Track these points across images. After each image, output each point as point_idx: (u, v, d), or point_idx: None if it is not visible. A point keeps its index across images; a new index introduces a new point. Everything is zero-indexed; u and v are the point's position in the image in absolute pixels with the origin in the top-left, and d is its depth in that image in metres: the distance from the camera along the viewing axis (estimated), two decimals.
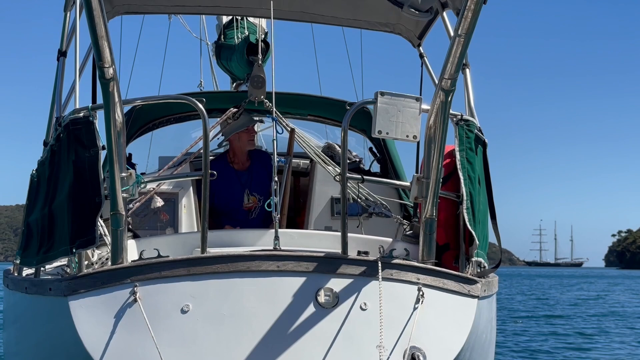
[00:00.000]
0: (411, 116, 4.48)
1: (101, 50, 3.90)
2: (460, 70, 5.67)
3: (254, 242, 5.09)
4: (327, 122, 8.26)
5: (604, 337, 18.87)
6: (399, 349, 4.26)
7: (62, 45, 5.82)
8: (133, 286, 4.24)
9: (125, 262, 4.39)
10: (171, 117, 8.13)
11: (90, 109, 4.55)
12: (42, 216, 5.05)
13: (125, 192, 4.39)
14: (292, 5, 6.63)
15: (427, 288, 4.41)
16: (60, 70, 5.73)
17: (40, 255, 5.00)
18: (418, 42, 6.74)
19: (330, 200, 7.39)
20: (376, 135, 4.49)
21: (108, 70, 3.99)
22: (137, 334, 4.17)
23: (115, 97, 4.12)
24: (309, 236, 5.33)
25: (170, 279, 4.29)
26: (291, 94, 7.81)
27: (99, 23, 3.80)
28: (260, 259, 4.32)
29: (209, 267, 4.30)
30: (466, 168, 4.88)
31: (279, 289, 4.28)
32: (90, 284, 4.30)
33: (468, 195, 4.84)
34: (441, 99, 4.27)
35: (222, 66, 10.21)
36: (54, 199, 4.81)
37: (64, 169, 4.67)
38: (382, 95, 4.46)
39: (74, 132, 4.57)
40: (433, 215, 4.54)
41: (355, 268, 4.36)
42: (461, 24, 3.94)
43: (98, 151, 4.47)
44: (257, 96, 6.46)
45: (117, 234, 4.38)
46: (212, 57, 11.74)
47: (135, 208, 6.31)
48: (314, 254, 4.39)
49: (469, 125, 5.00)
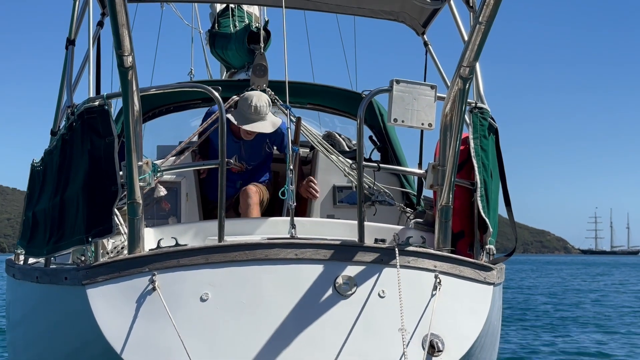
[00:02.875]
0: (426, 104, 4.49)
1: (121, 39, 3.87)
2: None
3: (267, 231, 5.08)
4: (327, 110, 8.24)
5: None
6: (417, 336, 4.28)
7: (70, 34, 5.77)
8: (152, 274, 4.23)
9: (143, 251, 4.38)
10: (170, 105, 8.08)
11: (105, 98, 4.52)
12: (52, 206, 5.02)
13: (142, 181, 4.38)
14: None
15: (444, 275, 4.43)
16: (69, 59, 5.69)
17: (50, 245, 4.97)
18: (422, 30, 6.74)
19: (332, 189, 7.39)
20: (392, 123, 4.50)
21: (127, 59, 3.97)
22: (157, 323, 4.16)
23: (133, 85, 4.10)
24: (322, 224, 5.33)
25: (188, 267, 4.28)
26: (290, 82, 7.79)
27: (120, 11, 3.78)
28: (278, 247, 4.32)
29: (227, 255, 4.30)
30: (480, 156, 4.90)
31: (298, 276, 4.29)
32: (108, 273, 4.28)
33: (482, 182, 4.86)
34: (459, 87, 4.28)
35: (217, 55, 10.18)
36: (66, 188, 4.78)
37: (78, 158, 4.64)
38: (397, 83, 4.47)
39: (88, 121, 4.54)
40: (449, 203, 4.56)
41: (373, 255, 4.37)
42: (483, 11, 3.94)
43: (114, 140, 4.44)
44: (259, 84, 6.45)
45: (134, 223, 4.37)
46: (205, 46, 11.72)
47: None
48: (332, 242, 4.40)
49: (483, 112, 5.02)
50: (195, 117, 8.53)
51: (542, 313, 20.27)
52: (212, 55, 10.58)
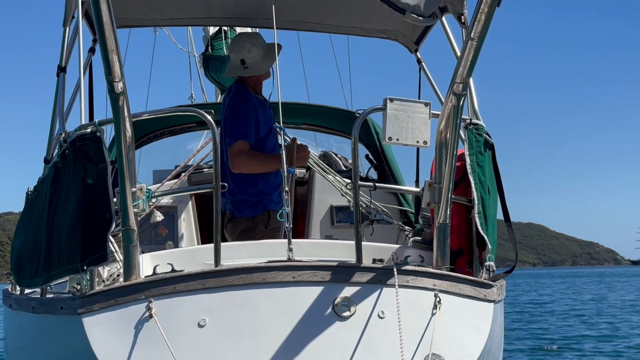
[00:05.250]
0: (421, 122, 4.46)
1: (111, 65, 3.85)
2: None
3: (264, 254, 5.05)
4: (322, 130, 8.25)
5: None
6: (418, 356, 4.23)
7: (61, 61, 5.75)
8: (148, 301, 4.18)
9: (139, 278, 4.33)
10: (165, 130, 8.07)
11: (97, 124, 4.50)
12: (46, 234, 4.98)
13: (136, 207, 4.34)
14: (289, 14, 6.59)
15: (444, 294, 4.38)
16: (61, 86, 5.67)
17: (45, 274, 4.92)
18: (415, 47, 6.73)
19: (329, 209, 7.37)
20: (386, 142, 4.47)
21: (118, 85, 3.95)
22: (155, 350, 4.11)
23: (125, 111, 4.08)
24: (319, 246, 5.29)
25: (185, 293, 4.24)
26: (285, 103, 7.78)
27: (109, 37, 3.75)
28: (275, 270, 4.28)
29: (224, 279, 4.26)
30: (477, 172, 4.86)
31: (296, 299, 4.24)
32: (104, 301, 4.24)
33: (479, 199, 4.83)
34: (453, 103, 4.25)
35: (211, 77, 10.20)
36: (60, 216, 4.74)
37: (71, 186, 4.60)
38: (391, 101, 4.44)
39: (81, 148, 4.51)
40: (446, 221, 4.52)
41: (371, 276, 4.33)
42: (474, 27, 3.92)
43: (107, 166, 4.41)
44: None
45: (130, 250, 4.32)
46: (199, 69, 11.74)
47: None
48: (330, 264, 4.35)
49: (478, 128, 4.99)
50: (191, 140, 8.53)
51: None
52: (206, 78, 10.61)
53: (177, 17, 6.82)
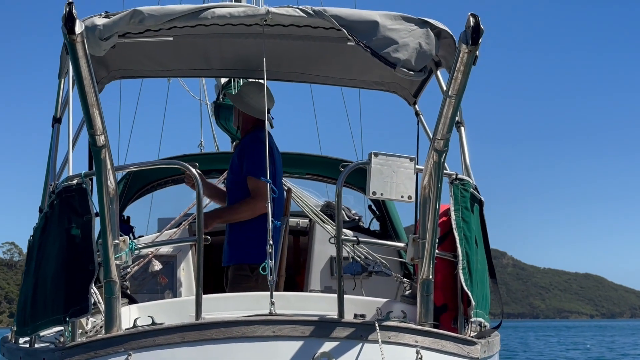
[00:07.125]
0: (406, 177, 4.47)
1: (92, 118, 3.90)
2: (455, 129, 5.68)
3: (249, 306, 5.04)
4: (325, 180, 8.27)
5: None
6: None
7: (56, 112, 5.83)
8: (127, 354, 4.18)
9: (119, 330, 4.34)
10: (169, 178, 8.14)
11: (83, 176, 4.54)
12: (33, 284, 5.01)
13: (119, 260, 4.36)
14: (289, 66, 6.65)
15: (426, 350, 4.34)
16: (55, 137, 5.74)
17: (31, 324, 4.94)
18: (414, 100, 6.74)
19: (329, 260, 7.34)
20: (371, 196, 4.49)
21: (100, 138, 3.99)
22: None
23: (107, 164, 4.11)
24: (306, 299, 5.27)
25: (165, 346, 4.23)
26: (288, 154, 7.82)
27: (89, 92, 3.80)
28: (255, 324, 4.26)
29: (203, 333, 4.25)
30: (462, 227, 4.84)
31: (275, 354, 4.22)
32: (84, 353, 4.24)
33: (464, 255, 4.80)
34: (434, 160, 4.25)
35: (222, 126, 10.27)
36: (46, 266, 4.78)
37: (55, 236, 4.64)
38: (375, 156, 4.46)
39: (67, 200, 4.56)
40: (429, 277, 4.49)
41: (352, 331, 4.30)
42: (451, 85, 3.94)
43: (91, 218, 4.45)
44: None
45: (111, 302, 4.34)
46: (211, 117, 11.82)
47: (134, 272, 6.27)
48: (310, 318, 4.33)
49: (464, 184, 4.98)
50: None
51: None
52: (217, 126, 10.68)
53: (178, 69, 6.90)
